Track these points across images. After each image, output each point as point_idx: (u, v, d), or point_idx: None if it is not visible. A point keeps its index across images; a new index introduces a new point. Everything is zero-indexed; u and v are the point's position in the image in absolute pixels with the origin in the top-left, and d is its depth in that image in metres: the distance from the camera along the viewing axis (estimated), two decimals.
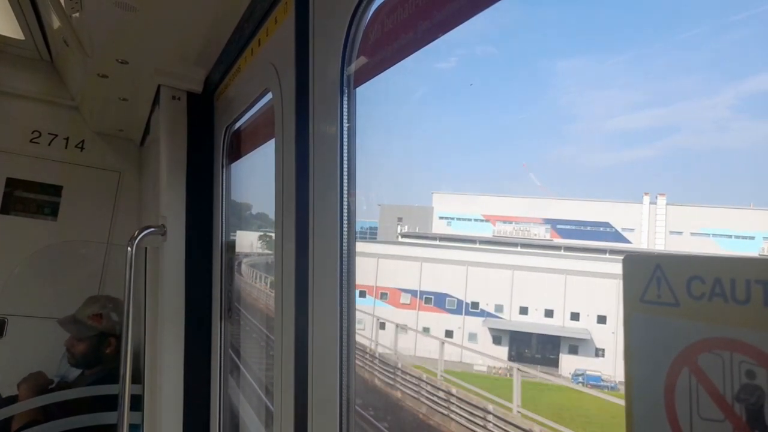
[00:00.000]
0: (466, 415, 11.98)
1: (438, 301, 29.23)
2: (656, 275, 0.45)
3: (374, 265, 29.62)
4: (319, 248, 1.15)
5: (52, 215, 3.33)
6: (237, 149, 2.10)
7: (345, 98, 1.09)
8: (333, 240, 1.09)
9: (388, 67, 1.04)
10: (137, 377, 2.27)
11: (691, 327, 0.43)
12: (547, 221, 33.14)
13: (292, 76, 1.27)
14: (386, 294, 30.12)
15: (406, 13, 0.96)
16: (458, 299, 28.60)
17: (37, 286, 3.10)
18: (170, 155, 2.05)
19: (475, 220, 36.07)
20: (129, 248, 1.94)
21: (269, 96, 1.56)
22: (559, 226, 32.72)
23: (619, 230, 30.99)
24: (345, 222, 1.10)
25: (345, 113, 1.10)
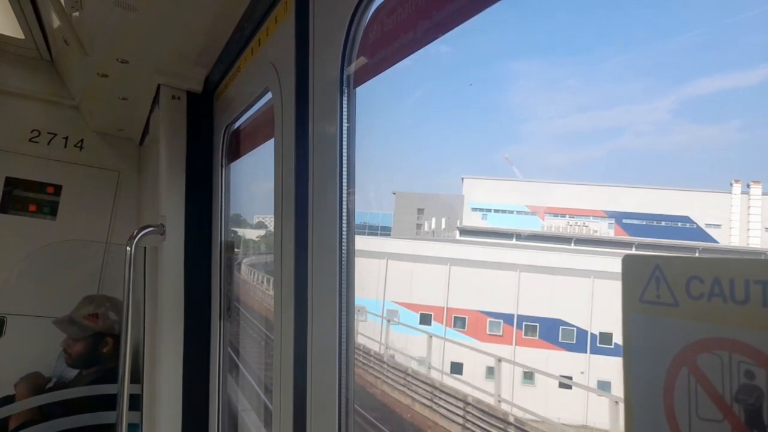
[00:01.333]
0: None
1: (547, 331, 20.31)
2: (655, 275, 0.45)
3: (440, 274, 20.94)
4: (318, 248, 1.15)
5: (51, 214, 3.32)
6: (236, 149, 2.11)
7: (345, 98, 1.10)
8: (332, 239, 1.09)
9: (388, 67, 1.04)
10: (136, 377, 2.27)
11: (690, 327, 0.43)
12: (611, 214, 25.48)
13: (292, 76, 1.27)
14: (463, 319, 21.45)
15: (406, 13, 0.96)
16: (578, 329, 19.61)
17: (36, 286, 3.10)
18: (170, 154, 2.05)
19: (518, 212, 28.03)
20: (128, 248, 1.93)
21: (269, 95, 1.56)
22: (625, 221, 25.40)
23: (702, 226, 23.72)
24: (344, 222, 1.10)
25: (345, 113, 1.10)
